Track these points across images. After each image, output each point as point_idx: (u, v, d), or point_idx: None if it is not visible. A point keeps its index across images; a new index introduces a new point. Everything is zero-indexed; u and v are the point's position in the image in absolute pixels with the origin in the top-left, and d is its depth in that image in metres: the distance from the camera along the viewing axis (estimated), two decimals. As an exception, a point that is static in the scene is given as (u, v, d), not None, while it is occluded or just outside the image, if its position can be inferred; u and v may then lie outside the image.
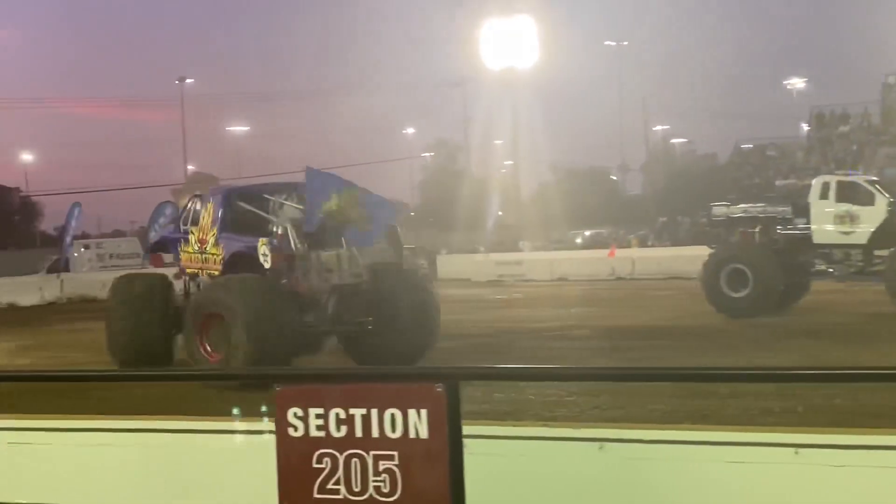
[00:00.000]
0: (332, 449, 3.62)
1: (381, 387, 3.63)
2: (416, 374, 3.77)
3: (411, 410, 3.51)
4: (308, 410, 3.66)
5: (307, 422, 3.65)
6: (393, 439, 3.53)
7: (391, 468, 3.54)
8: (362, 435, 3.58)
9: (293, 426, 3.67)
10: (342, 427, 3.61)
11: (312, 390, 3.71)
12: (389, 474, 3.54)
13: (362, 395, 3.61)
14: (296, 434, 3.67)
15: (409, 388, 3.56)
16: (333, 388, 3.69)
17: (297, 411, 3.67)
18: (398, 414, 3.53)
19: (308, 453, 3.65)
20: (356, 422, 3.59)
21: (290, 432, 3.67)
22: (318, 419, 3.64)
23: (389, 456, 3.54)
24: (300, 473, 3.66)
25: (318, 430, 3.64)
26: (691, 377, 4.37)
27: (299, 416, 3.67)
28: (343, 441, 3.60)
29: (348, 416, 3.60)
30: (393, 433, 3.53)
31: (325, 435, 3.63)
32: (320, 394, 3.68)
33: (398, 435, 3.53)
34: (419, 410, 3.50)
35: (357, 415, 3.59)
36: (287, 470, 3.69)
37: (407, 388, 3.56)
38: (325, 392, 3.68)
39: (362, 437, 3.58)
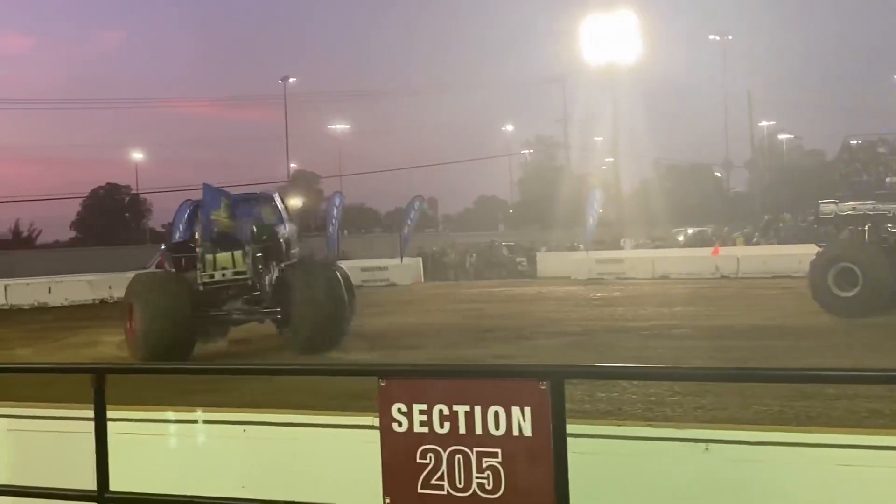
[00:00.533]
0: (435, 445, 3.64)
1: (484, 383, 3.63)
2: (519, 371, 3.76)
3: (515, 408, 3.51)
4: (412, 406, 3.68)
5: (411, 417, 3.68)
6: (496, 436, 3.54)
7: (494, 465, 3.54)
8: (466, 431, 3.59)
9: (397, 421, 3.70)
10: (445, 423, 3.62)
11: (416, 385, 3.73)
12: (493, 471, 3.55)
13: (465, 392, 3.62)
14: (400, 429, 3.70)
15: (512, 385, 3.56)
16: (436, 384, 3.70)
17: (401, 406, 3.70)
18: (502, 411, 3.53)
19: (412, 448, 3.68)
20: (459, 418, 3.60)
21: (395, 427, 3.70)
22: (421, 415, 3.67)
23: (493, 453, 3.54)
24: (404, 468, 3.69)
25: (421, 425, 3.66)
26: (798, 378, 4.28)
27: (403, 412, 3.70)
28: (446, 437, 3.62)
29: (452, 413, 3.62)
30: (496, 430, 3.54)
31: (428, 431, 3.65)
32: (423, 389, 3.70)
33: (502, 432, 3.53)
34: (523, 408, 3.50)
35: (461, 411, 3.60)
36: (391, 464, 3.73)
37: (511, 385, 3.56)
38: (428, 388, 3.69)
39: (465, 433, 3.59)
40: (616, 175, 66.09)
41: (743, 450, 4.09)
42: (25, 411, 5.80)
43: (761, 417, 9.84)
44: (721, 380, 8.34)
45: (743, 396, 10.67)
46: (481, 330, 21.03)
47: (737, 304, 25.79)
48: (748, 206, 70.74)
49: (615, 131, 65.35)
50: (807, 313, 21.51)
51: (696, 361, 14.64)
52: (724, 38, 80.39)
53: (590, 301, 28.49)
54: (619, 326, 20.97)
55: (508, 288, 36.07)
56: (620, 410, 10.76)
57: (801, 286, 23.86)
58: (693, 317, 22.47)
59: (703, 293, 29.55)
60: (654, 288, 32.56)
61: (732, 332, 19.03)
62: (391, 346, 18.68)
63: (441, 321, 23.93)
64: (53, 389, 6.13)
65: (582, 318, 23.24)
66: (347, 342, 18.58)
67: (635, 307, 25.62)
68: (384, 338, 20.24)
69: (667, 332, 19.45)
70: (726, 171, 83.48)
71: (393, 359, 16.38)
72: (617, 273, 39.48)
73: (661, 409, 10.75)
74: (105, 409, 4.20)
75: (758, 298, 27.11)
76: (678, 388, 11.36)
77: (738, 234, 52.96)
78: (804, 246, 27.59)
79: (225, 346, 19.05)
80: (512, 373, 3.74)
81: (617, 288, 33.71)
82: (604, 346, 17.53)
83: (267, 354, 18.59)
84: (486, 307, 27.48)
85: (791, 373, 5.15)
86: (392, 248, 45.87)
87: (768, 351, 15.86)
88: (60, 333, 24.16)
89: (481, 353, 17.21)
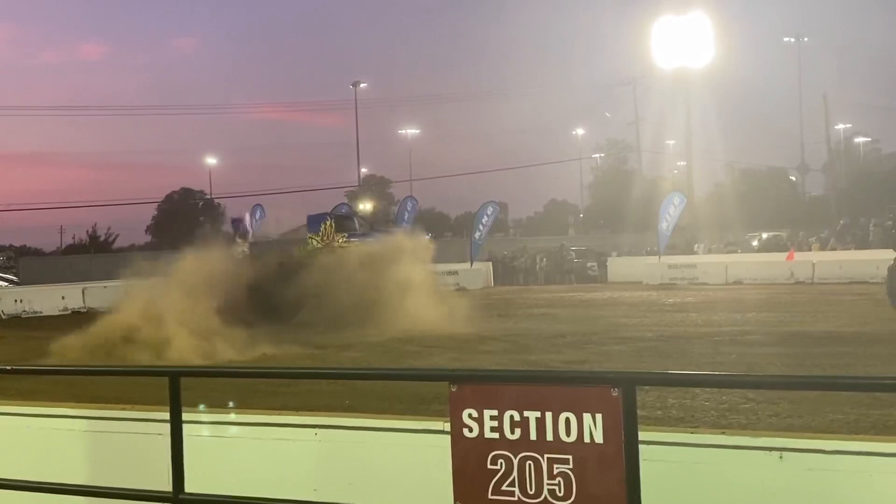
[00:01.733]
0: (506, 450, 3.63)
1: (555, 389, 3.60)
2: (591, 377, 3.73)
3: (586, 414, 3.49)
4: (483, 411, 3.68)
5: (482, 423, 3.67)
6: (567, 443, 3.52)
7: (566, 472, 3.52)
8: (536, 437, 3.57)
9: (468, 427, 3.70)
10: (516, 429, 3.61)
11: (486, 391, 3.72)
12: (564, 478, 3.53)
13: (536, 397, 3.60)
14: (470, 435, 3.69)
15: (583, 391, 3.53)
16: (507, 389, 3.68)
17: (472, 412, 3.69)
18: (573, 417, 3.51)
19: (482, 454, 3.67)
20: (530, 424, 3.58)
21: (465, 433, 3.70)
22: (492, 420, 3.66)
23: (564, 459, 3.52)
24: (474, 473, 3.69)
25: (492, 431, 3.65)
26: (875, 387, 4.19)
27: (474, 417, 3.69)
28: (517, 443, 3.61)
29: (522, 419, 3.60)
30: (567, 437, 3.52)
31: (499, 436, 3.64)
32: (494, 395, 3.68)
33: (573, 438, 3.51)
34: (594, 414, 3.48)
35: (531, 417, 3.59)
36: (462, 469, 3.72)
37: (582, 391, 3.54)
38: (498, 393, 3.68)
39: (536, 439, 3.57)
40: (689, 179, 65.33)
41: (818, 458, 4.02)
42: (103, 413, 5.91)
43: (837, 426, 9.66)
44: (796, 388, 8.21)
45: (818, 404, 10.49)
46: (553, 335, 20.95)
47: (812, 309, 25.35)
48: (824, 210, 69.46)
49: (688, 135, 64.61)
50: (884, 319, 21.09)
51: (769, 368, 14.43)
52: (800, 40, 79.10)
53: (662, 307, 28.23)
54: (691, 332, 20.75)
55: (579, 293, 35.89)
56: (693, 417, 10.65)
57: (878, 292, 23.38)
58: (766, 323, 22.15)
59: (778, 299, 29.11)
60: (728, 293, 32.16)
61: (807, 338, 18.71)
62: (464, 350, 18.73)
63: (511, 326, 23.89)
64: (129, 392, 6.24)
65: (654, 323, 23.05)
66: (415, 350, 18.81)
67: (708, 313, 25.33)
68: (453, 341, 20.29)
69: (740, 338, 19.19)
70: (802, 175, 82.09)
71: (465, 363, 16.42)
72: (690, 278, 39.09)
73: (735, 417, 10.61)
74: (180, 410, 4.27)
75: (833, 304, 26.62)
76: (752, 395, 11.21)
77: (813, 238, 52.01)
78: (881, 251, 27.03)
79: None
80: (583, 379, 3.71)
81: (690, 293, 33.36)
82: (676, 353, 17.35)
83: (342, 359, 18.76)
84: (558, 312, 27.38)
85: (868, 381, 5.05)
86: (462, 253, 45.90)
87: (844, 358, 15.57)
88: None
89: (553, 358, 17.15)
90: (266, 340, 19.69)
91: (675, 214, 44.95)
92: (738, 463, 4.16)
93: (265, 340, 19.66)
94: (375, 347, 20.05)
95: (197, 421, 5.19)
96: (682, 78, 62.39)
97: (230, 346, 19.17)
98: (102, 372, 10.49)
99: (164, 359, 18.09)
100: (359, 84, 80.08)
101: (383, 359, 18.29)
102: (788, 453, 4.07)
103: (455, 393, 3.75)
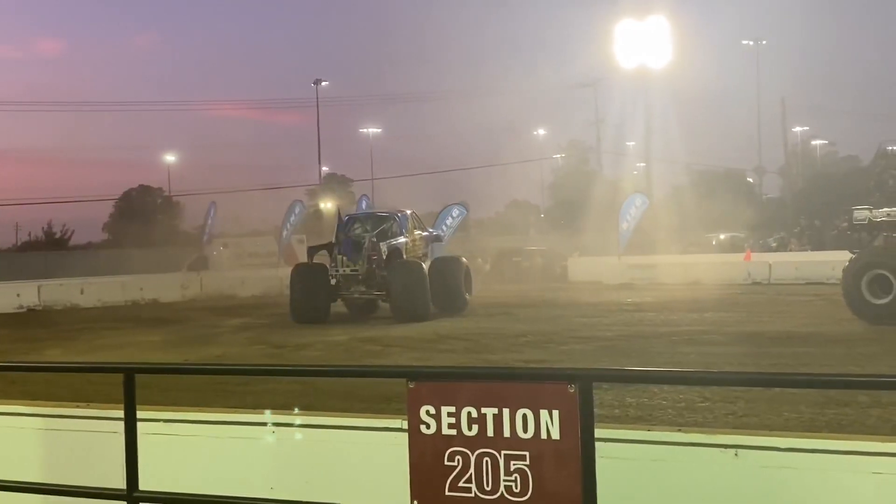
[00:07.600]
0: (463, 447, 3.63)
1: (512, 386, 3.62)
2: (548, 374, 3.74)
3: (543, 411, 3.50)
4: (440, 408, 3.68)
5: (439, 420, 3.68)
6: (524, 439, 3.53)
7: (522, 468, 3.53)
8: (494, 434, 3.58)
9: (426, 424, 3.70)
10: (473, 426, 3.62)
11: (444, 388, 3.72)
12: (520, 474, 3.54)
13: (494, 394, 3.61)
14: (428, 432, 3.70)
15: (541, 388, 3.54)
16: (465, 387, 3.69)
17: (430, 409, 3.70)
18: (530, 414, 3.52)
19: (440, 451, 3.67)
20: (488, 421, 3.60)
21: (423, 430, 3.70)
22: (449, 417, 3.66)
23: (521, 456, 3.53)
24: (432, 470, 3.69)
25: (449, 428, 3.66)
26: (830, 384, 4.23)
27: (431, 414, 3.70)
28: (474, 440, 3.62)
29: (480, 415, 3.61)
30: (525, 433, 3.53)
31: (456, 433, 3.65)
32: (452, 392, 3.69)
33: (530, 435, 3.52)
34: (551, 411, 3.49)
35: (489, 414, 3.60)
36: (419, 467, 3.73)
37: (539, 388, 3.55)
38: (456, 390, 3.69)
39: (493, 436, 3.58)
40: (648, 180, 65.74)
41: (773, 456, 4.06)
42: (56, 410, 5.85)
43: (793, 424, 9.75)
44: (751, 385, 8.29)
45: (774, 403, 10.59)
46: (513, 335, 20.99)
47: (768, 310, 25.61)
48: (781, 211, 70.17)
49: (647, 136, 65.07)
50: (839, 320, 21.33)
51: (726, 367, 14.53)
52: (758, 43, 79.87)
53: (621, 306, 28.38)
54: (650, 332, 20.87)
55: (539, 292, 35.98)
56: (651, 416, 10.71)
57: (834, 293, 23.65)
58: (724, 322, 22.33)
59: (735, 299, 29.37)
60: (687, 293, 32.39)
61: (764, 338, 18.89)
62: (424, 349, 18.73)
63: (471, 325, 23.91)
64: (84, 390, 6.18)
65: (613, 323, 23.15)
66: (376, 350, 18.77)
67: (667, 312, 25.49)
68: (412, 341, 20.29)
69: (698, 337, 19.33)
70: (759, 177, 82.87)
71: (425, 362, 16.41)
72: (649, 278, 39.33)
73: (692, 415, 10.68)
74: (135, 408, 4.23)
75: (790, 305, 26.91)
76: (708, 393, 11.30)
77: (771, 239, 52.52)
78: (837, 252, 27.33)
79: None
80: (540, 375, 3.72)
81: (649, 293, 33.56)
82: (635, 352, 17.44)
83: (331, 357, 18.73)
84: (518, 312, 27.44)
85: (823, 378, 5.10)
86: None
87: (800, 357, 15.72)
88: (92, 334, 24.38)
89: (513, 357, 17.18)
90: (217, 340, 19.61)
91: (635, 215, 45.22)
92: (694, 460, 4.18)
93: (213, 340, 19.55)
94: (335, 346, 20.03)
95: (153, 419, 5.14)
96: (642, 80, 62.82)
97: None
98: (58, 369, 10.40)
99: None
100: (320, 82, 79.89)
101: (343, 357, 18.26)
102: (744, 451, 4.10)
103: (413, 390, 3.75)
